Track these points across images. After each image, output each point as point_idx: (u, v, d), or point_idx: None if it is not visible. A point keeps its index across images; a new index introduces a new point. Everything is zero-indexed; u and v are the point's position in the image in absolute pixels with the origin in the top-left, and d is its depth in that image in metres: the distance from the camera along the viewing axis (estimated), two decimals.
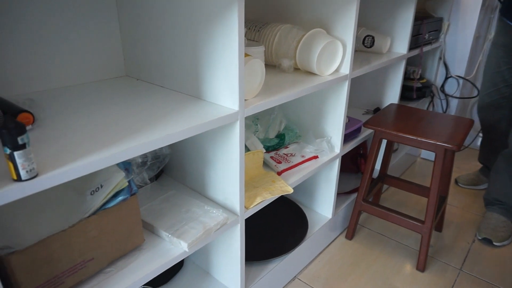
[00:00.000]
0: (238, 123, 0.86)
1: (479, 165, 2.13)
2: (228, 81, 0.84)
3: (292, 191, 1.07)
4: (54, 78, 0.98)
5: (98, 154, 0.63)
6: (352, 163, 1.76)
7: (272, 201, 1.04)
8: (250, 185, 1.07)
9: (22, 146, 0.51)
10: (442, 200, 1.49)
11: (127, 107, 0.86)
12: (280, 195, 1.05)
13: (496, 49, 1.56)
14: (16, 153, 0.51)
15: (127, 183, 0.75)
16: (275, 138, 1.30)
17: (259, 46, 1.03)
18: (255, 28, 1.22)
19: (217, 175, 0.98)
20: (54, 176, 0.56)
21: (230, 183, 0.95)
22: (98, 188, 0.74)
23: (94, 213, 0.72)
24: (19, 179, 0.53)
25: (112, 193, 0.73)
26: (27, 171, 0.53)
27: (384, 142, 1.73)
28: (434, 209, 1.31)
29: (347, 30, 1.16)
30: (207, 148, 0.97)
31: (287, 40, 1.16)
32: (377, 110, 1.74)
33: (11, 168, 0.52)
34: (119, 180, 0.74)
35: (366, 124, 1.37)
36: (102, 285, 0.74)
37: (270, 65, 1.26)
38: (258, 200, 1.00)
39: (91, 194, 0.74)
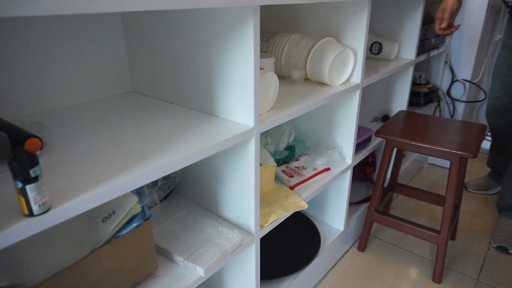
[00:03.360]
0: (253, 139, 0.82)
1: (487, 169, 2.10)
2: (243, 96, 0.80)
3: (306, 206, 1.03)
4: (59, 97, 0.94)
5: (112, 181, 0.59)
6: (361, 171, 1.72)
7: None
8: (263, 201, 1.03)
9: (35, 179, 0.47)
10: (456, 208, 1.45)
11: (138, 126, 0.82)
12: (295, 211, 1.01)
13: (505, 52, 1.54)
14: (28, 187, 0.47)
15: (140, 208, 0.71)
16: (285, 150, 1.26)
17: (269, 58, 1.00)
18: (263, 39, 1.19)
19: (230, 193, 0.94)
20: (68, 208, 0.52)
21: (245, 201, 0.91)
22: (110, 214, 0.70)
23: (107, 241, 0.68)
24: (31, 214, 0.49)
25: (125, 220, 0.69)
26: (39, 205, 0.49)
27: (395, 150, 1.70)
28: (450, 218, 1.27)
29: (358, 38, 1.13)
30: (220, 166, 0.93)
31: (297, 50, 1.13)
32: (385, 117, 1.71)
33: (22, 203, 0.48)
34: (133, 205, 0.70)
35: (378, 133, 1.34)
36: None
37: (280, 76, 1.23)
38: (273, 217, 0.96)
39: (102, 221, 0.69)
